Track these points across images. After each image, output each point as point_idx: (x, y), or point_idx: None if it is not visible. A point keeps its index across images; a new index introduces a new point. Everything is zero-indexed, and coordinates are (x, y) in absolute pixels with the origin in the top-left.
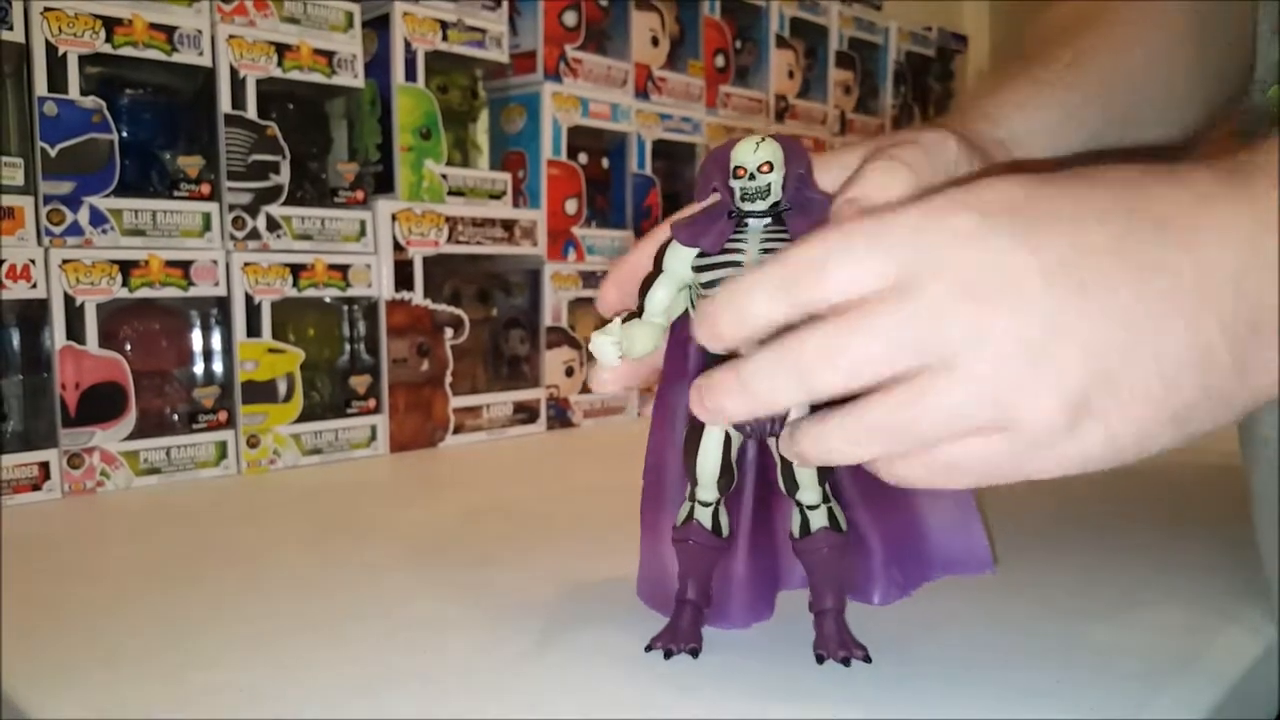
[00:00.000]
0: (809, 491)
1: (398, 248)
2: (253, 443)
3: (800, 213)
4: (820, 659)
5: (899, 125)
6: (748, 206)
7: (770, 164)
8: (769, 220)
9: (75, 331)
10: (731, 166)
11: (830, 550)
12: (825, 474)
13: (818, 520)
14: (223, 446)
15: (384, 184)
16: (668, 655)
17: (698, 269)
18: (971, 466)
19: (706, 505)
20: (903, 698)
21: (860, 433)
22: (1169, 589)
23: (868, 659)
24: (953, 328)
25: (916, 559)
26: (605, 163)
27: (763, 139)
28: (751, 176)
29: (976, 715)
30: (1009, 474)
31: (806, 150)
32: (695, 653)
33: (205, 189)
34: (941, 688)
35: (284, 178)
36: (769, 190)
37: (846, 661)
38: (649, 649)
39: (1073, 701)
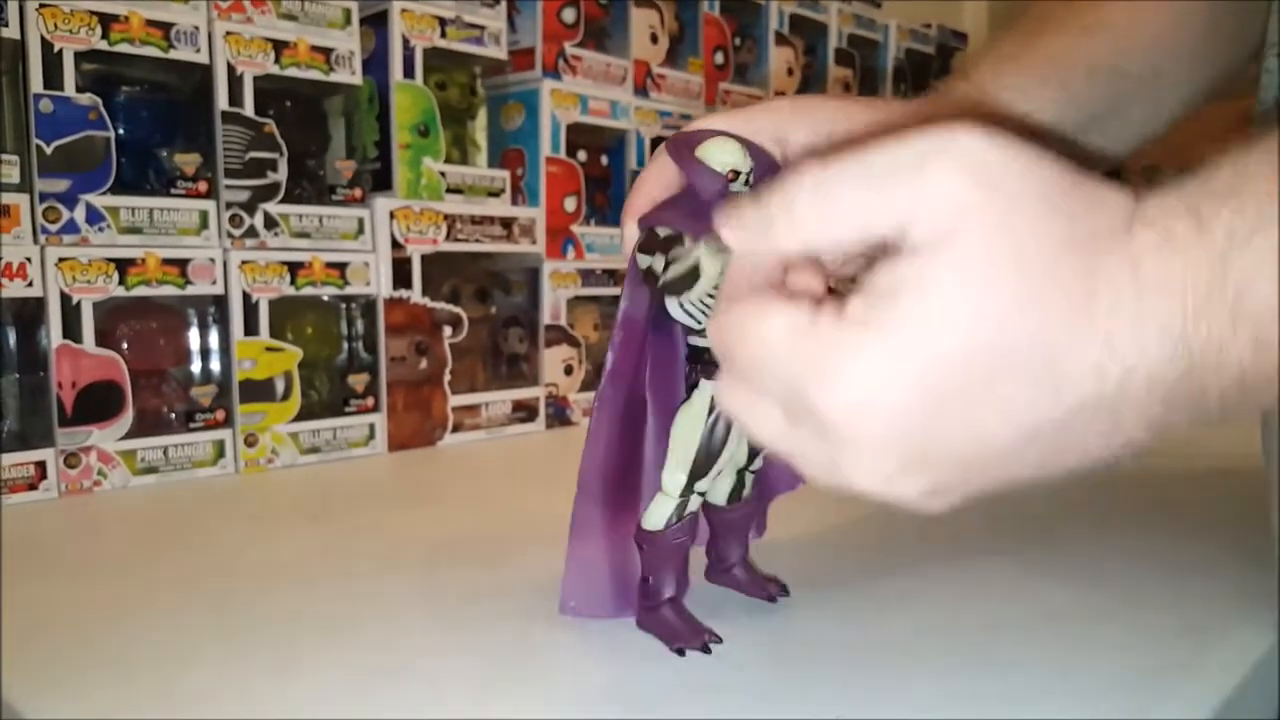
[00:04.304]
0: (758, 459)
1: (396, 246)
2: (250, 441)
3: None
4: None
5: None
6: None
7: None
8: None
9: (72, 330)
10: (726, 171)
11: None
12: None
13: (749, 488)
14: (220, 445)
15: (382, 182)
16: (681, 653)
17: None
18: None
19: (701, 495)
20: (904, 698)
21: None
22: (1172, 589)
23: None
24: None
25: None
26: (604, 160)
27: (729, 138)
28: (747, 181)
29: (978, 715)
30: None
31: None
32: (716, 639)
33: (202, 187)
34: (943, 688)
35: (281, 175)
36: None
37: (784, 591)
38: (682, 652)
39: (1075, 702)
